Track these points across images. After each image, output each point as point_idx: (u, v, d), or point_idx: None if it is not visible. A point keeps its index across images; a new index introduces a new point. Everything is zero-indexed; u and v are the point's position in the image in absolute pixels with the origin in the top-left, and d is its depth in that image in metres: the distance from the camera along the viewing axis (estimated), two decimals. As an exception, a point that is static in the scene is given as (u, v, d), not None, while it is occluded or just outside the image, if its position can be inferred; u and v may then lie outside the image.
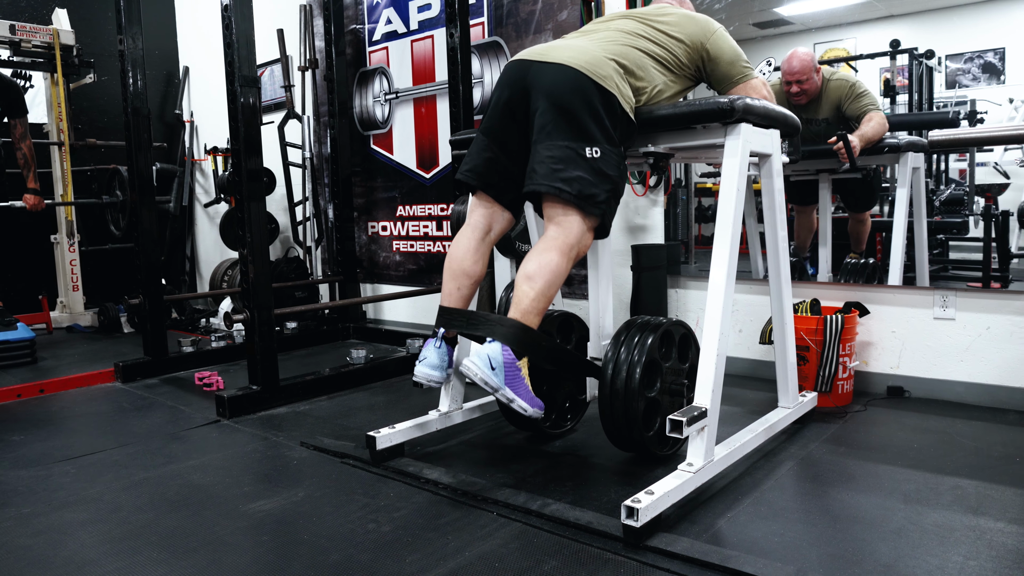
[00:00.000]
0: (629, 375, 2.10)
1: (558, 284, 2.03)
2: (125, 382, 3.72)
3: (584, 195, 2.00)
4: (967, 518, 1.86)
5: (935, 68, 3.15)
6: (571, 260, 2.04)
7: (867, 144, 3.08)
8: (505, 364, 1.94)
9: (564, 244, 2.03)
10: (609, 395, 2.13)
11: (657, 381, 2.18)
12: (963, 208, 3.23)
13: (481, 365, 1.92)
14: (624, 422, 2.13)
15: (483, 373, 1.92)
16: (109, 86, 5.71)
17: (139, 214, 3.87)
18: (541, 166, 2.02)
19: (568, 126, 2.00)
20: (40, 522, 2.03)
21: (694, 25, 2.28)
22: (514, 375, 1.96)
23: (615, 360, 2.14)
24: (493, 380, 1.92)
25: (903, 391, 2.99)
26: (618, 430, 2.16)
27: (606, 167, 2.02)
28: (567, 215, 2.03)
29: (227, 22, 2.99)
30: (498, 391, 1.94)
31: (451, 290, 2.24)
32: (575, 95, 2.01)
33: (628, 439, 2.17)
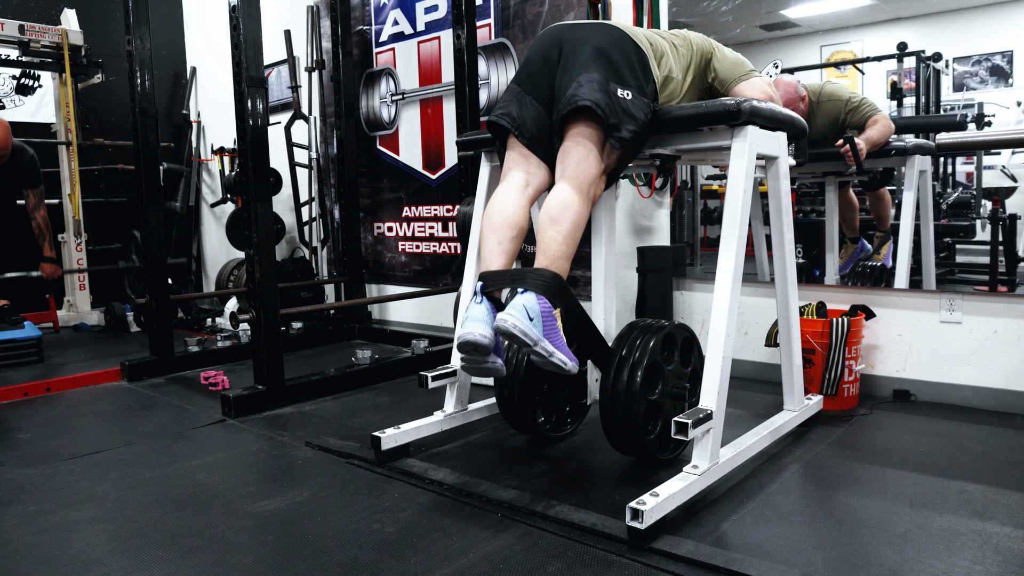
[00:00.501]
0: (631, 376, 2.10)
1: (582, 226, 1.97)
2: (131, 381, 3.73)
3: (612, 113, 1.95)
4: (973, 522, 1.86)
5: (942, 71, 3.13)
6: (590, 202, 2.00)
7: (873, 147, 3.07)
8: (543, 314, 1.83)
9: (583, 183, 1.98)
10: (610, 396, 2.12)
11: (659, 384, 2.18)
12: (970, 211, 3.21)
13: (519, 316, 1.78)
14: (625, 424, 2.12)
15: (522, 324, 1.77)
16: (117, 86, 5.74)
17: (146, 214, 3.89)
18: (578, 87, 1.98)
19: (604, 65, 2.01)
20: (46, 520, 2.04)
21: (701, 39, 2.41)
22: (551, 326, 1.85)
23: (617, 360, 2.13)
24: (532, 332, 1.79)
25: (909, 395, 2.98)
26: (618, 432, 2.15)
27: (633, 109, 2.00)
28: (589, 142, 1.99)
29: (235, 23, 3.00)
30: (537, 344, 1.81)
31: (491, 247, 2.04)
32: (613, 45, 2.06)
33: (628, 441, 2.16)
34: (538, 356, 1.85)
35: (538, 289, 1.85)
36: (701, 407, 1.95)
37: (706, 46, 2.38)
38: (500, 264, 2.02)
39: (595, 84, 1.97)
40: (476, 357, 1.89)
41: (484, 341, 1.83)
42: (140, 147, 3.86)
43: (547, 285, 1.87)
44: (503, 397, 2.44)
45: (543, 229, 1.95)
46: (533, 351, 1.82)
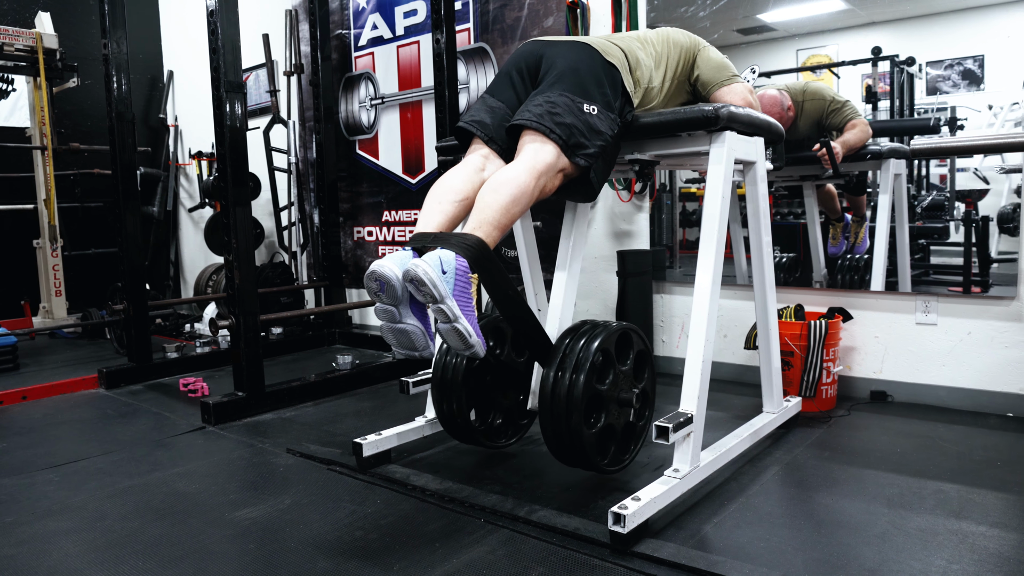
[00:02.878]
0: (576, 370, 1.92)
1: (522, 204, 1.89)
2: (109, 388, 3.69)
3: (572, 143, 1.96)
4: (950, 522, 1.89)
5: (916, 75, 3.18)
6: (538, 186, 1.92)
7: (850, 151, 3.11)
8: (457, 271, 1.71)
9: (533, 167, 1.92)
10: (550, 395, 1.94)
11: (607, 381, 2.01)
12: (944, 213, 3.26)
13: (431, 264, 1.67)
14: (566, 426, 1.92)
15: (432, 272, 1.66)
16: (93, 90, 5.67)
17: (123, 219, 3.85)
18: (536, 107, 2.00)
19: (571, 83, 2.04)
20: (23, 531, 2.01)
21: (686, 37, 2.41)
22: (464, 289, 1.72)
23: (560, 354, 1.96)
24: (441, 285, 1.66)
25: (886, 395, 3.02)
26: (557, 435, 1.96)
27: (600, 124, 2.02)
28: (544, 147, 1.95)
29: (213, 28, 2.98)
30: (443, 300, 1.67)
31: (431, 208, 1.96)
32: (582, 63, 2.08)
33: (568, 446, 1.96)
34: (442, 318, 1.71)
35: (458, 249, 1.75)
36: (681, 411, 1.96)
37: (690, 45, 2.38)
38: (435, 225, 1.92)
39: (556, 107, 1.98)
40: (387, 306, 1.75)
41: (390, 275, 1.70)
42: (117, 152, 3.82)
43: (469, 248, 1.77)
44: (439, 401, 2.27)
45: (481, 196, 1.88)
46: (438, 308, 1.69)
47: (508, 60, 2.25)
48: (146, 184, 5.96)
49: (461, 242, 1.78)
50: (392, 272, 1.70)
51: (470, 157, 2.12)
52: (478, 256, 1.78)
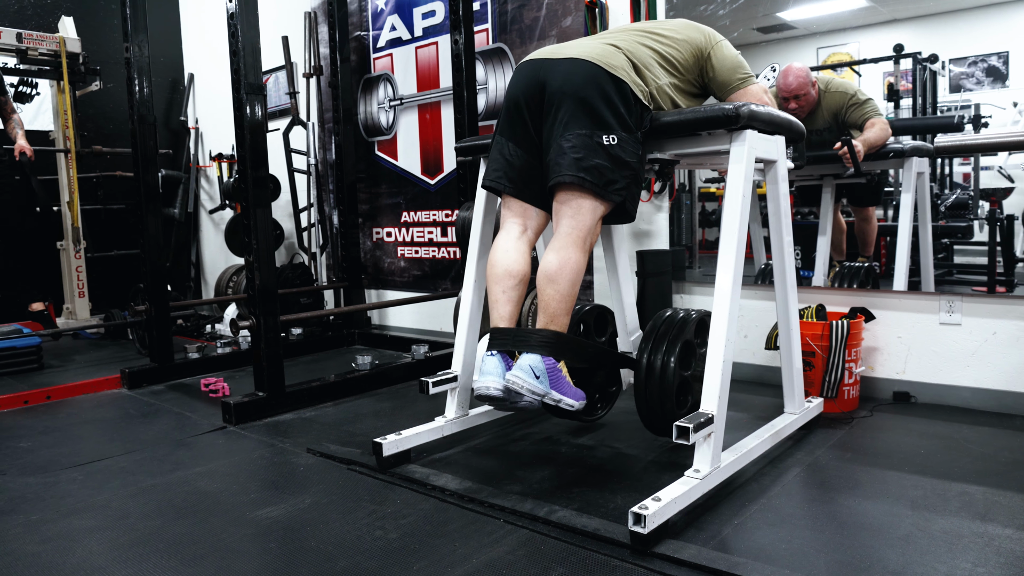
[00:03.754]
0: (668, 351, 2.24)
1: (579, 279, 2.09)
2: (131, 388, 3.73)
3: (604, 182, 2.04)
4: (975, 524, 1.86)
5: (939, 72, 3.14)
6: (587, 251, 2.10)
7: (871, 149, 3.08)
8: (547, 370, 2.01)
9: (579, 237, 2.08)
10: (645, 373, 2.25)
11: (691, 364, 2.32)
12: (968, 212, 3.22)
13: (525, 377, 1.99)
14: (659, 400, 2.24)
15: (529, 384, 1.98)
16: (115, 93, 5.73)
17: (145, 221, 3.89)
18: (563, 158, 2.05)
19: (585, 115, 2.04)
20: (48, 529, 2.03)
21: (698, 33, 2.34)
22: (556, 377, 2.03)
23: (652, 342, 2.28)
24: (539, 388, 1.99)
25: (909, 396, 2.99)
26: (651, 409, 2.27)
27: (624, 154, 2.05)
28: (581, 202, 2.07)
29: (233, 30, 3.00)
30: (545, 396, 2.01)
31: (497, 296, 2.19)
32: (588, 85, 2.06)
33: (661, 416, 2.26)
34: (548, 405, 2.05)
35: (541, 350, 2.03)
36: (702, 411, 1.95)
37: (703, 42, 2.32)
38: (507, 312, 2.17)
39: (579, 150, 2.03)
40: (500, 404, 2.08)
41: (498, 394, 2.03)
42: (139, 154, 3.86)
43: (548, 344, 2.04)
44: None
45: (542, 288, 2.08)
46: (543, 402, 2.02)
47: (510, 88, 2.25)
48: (167, 186, 6.02)
49: (541, 341, 2.05)
50: (496, 391, 2.03)
51: (509, 224, 2.28)
52: (559, 347, 2.06)
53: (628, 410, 2.95)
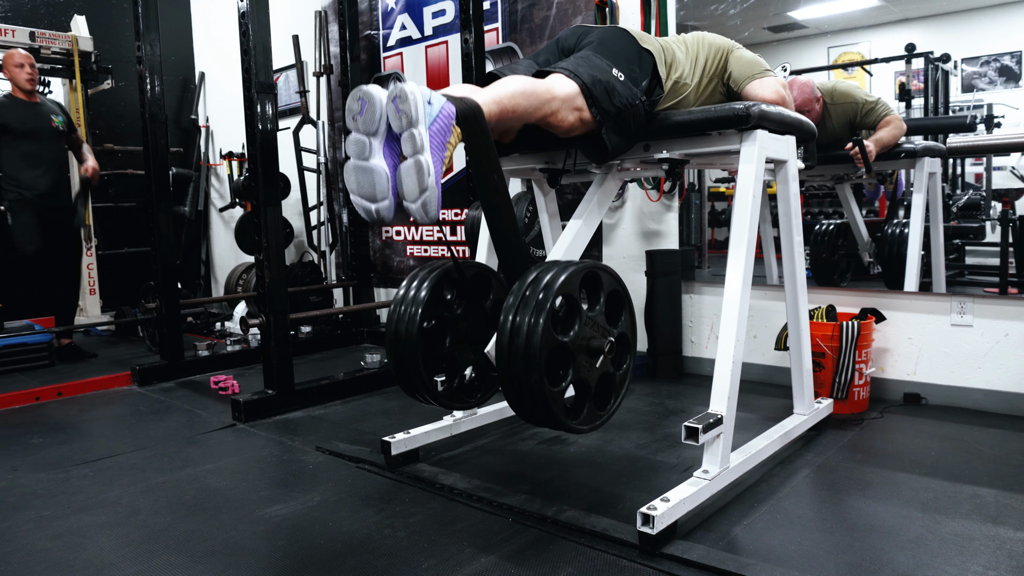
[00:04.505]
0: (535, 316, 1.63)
1: (531, 100, 1.82)
2: (142, 385, 3.75)
3: (593, 91, 1.90)
4: (986, 527, 1.85)
5: (951, 72, 3.13)
6: (550, 103, 1.85)
7: (883, 148, 3.07)
8: (441, 111, 1.61)
9: (551, 87, 1.87)
10: (508, 341, 1.65)
11: (573, 327, 1.71)
12: (980, 213, 3.20)
13: (420, 90, 1.58)
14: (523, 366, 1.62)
15: (418, 95, 1.57)
16: (126, 92, 5.76)
17: (156, 219, 3.91)
18: (567, 61, 2.01)
19: (604, 50, 2.05)
20: (60, 525, 2.05)
21: (719, 39, 2.41)
22: (441, 130, 1.61)
23: (520, 297, 1.67)
24: (421, 109, 1.57)
25: (920, 398, 2.97)
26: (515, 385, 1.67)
27: (622, 89, 2.00)
28: (566, 80, 1.89)
29: (244, 29, 3.01)
30: (415, 126, 1.56)
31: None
32: (618, 41, 2.10)
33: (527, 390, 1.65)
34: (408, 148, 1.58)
35: (452, 100, 1.66)
36: (711, 412, 1.95)
37: (724, 45, 2.38)
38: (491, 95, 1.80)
39: (586, 61, 2.00)
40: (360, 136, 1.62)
41: (375, 94, 1.60)
42: (150, 152, 3.88)
43: (462, 101, 1.68)
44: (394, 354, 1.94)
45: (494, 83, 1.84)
46: (409, 134, 1.57)
47: (552, 40, 2.28)
48: (178, 184, 6.04)
49: (458, 97, 1.69)
50: (378, 92, 1.60)
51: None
52: (469, 113, 1.67)
53: (636, 409, 2.95)
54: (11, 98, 4.08)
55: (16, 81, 4.05)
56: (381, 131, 1.61)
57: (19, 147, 4.03)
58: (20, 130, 4.02)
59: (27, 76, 4.05)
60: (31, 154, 4.05)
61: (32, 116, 4.08)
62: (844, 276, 3.43)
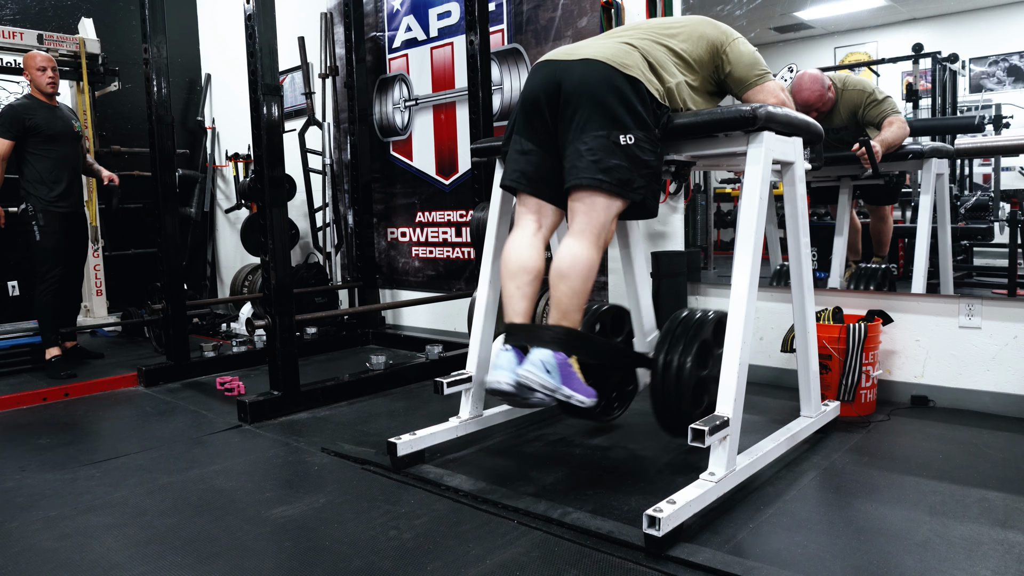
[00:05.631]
0: (683, 356, 2.21)
1: (592, 276, 2.08)
2: (148, 386, 3.76)
3: (623, 182, 2.04)
4: (995, 531, 1.84)
5: (959, 72, 3.11)
6: (600, 248, 2.09)
7: (889, 149, 3.05)
8: (559, 365, 2.00)
9: (592, 234, 2.07)
10: (661, 376, 2.23)
11: (708, 364, 2.27)
12: (988, 214, 3.19)
13: (536, 371, 1.98)
14: (675, 400, 2.21)
15: (540, 378, 1.97)
16: (133, 93, 5.78)
17: (162, 220, 3.92)
18: (580, 160, 2.05)
19: (601, 117, 2.04)
20: (67, 525, 2.05)
21: (714, 29, 2.31)
22: (568, 373, 2.01)
23: (668, 342, 2.25)
24: (550, 383, 1.98)
25: (927, 400, 2.96)
26: (667, 409, 2.25)
27: (641, 153, 2.04)
28: (595, 199, 2.06)
29: (250, 31, 3.02)
30: (556, 392, 1.99)
31: (511, 293, 2.19)
32: (603, 86, 2.06)
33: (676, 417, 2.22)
34: (559, 400, 2.01)
35: (553, 346, 2.02)
36: (718, 414, 1.94)
37: (719, 39, 2.28)
38: (521, 308, 2.17)
39: (596, 152, 2.03)
40: (512, 400, 2.08)
41: (509, 389, 2.03)
42: (156, 154, 3.89)
43: (560, 340, 2.03)
44: None
45: (554, 284, 2.08)
46: (554, 397, 2.00)
47: (526, 87, 2.24)
48: (184, 185, 6.07)
49: (552, 337, 2.04)
50: (507, 386, 2.03)
51: (524, 220, 2.26)
52: (570, 343, 2.05)
53: (643, 411, 2.94)
54: (33, 99, 4.02)
55: (38, 84, 3.99)
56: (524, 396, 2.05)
57: (44, 150, 3.96)
58: (47, 133, 3.96)
59: (49, 80, 4.00)
60: (55, 158, 4.00)
61: (56, 119, 4.04)
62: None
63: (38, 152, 3.95)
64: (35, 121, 3.92)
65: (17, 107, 3.92)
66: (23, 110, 3.91)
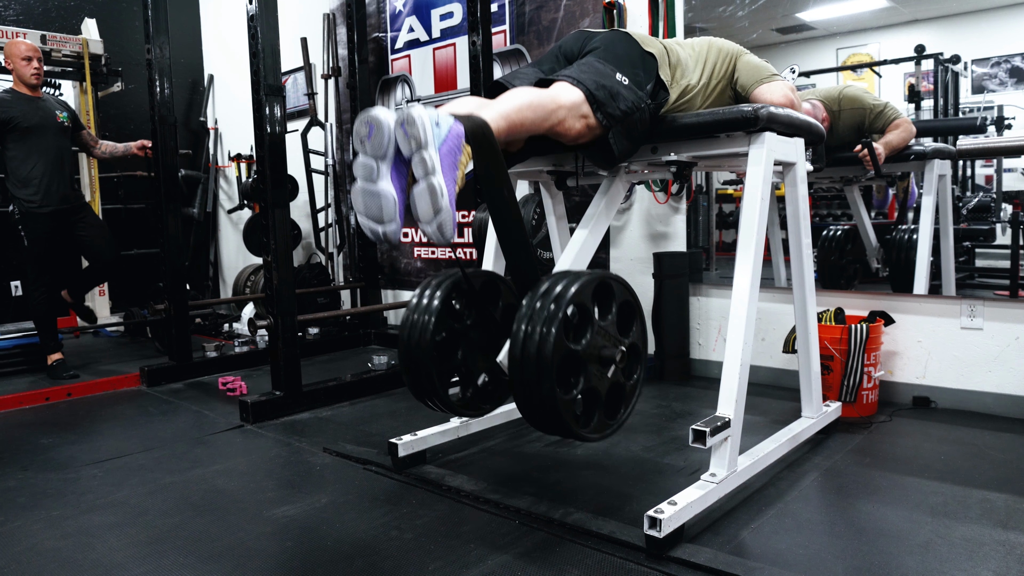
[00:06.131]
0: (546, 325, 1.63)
1: (537, 112, 1.82)
2: (150, 386, 3.76)
3: (598, 96, 1.89)
4: (997, 532, 1.84)
5: (961, 73, 3.11)
6: (556, 112, 1.85)
7: (892, 151, 3.05)
8: (451, 132, 1.60)
9: (557, 96, 1.87)
10: (521, 349, 1.65)
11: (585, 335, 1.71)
12: (990, 215, 3.19)
13: (428, 113, 1.57)
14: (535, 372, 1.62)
15: (426, 118, 1.55)
16: (136, 94, 5.79)
17: (165, 221, 3.93)
18: (571, 68, 2.01)
19: (607, 55, 2.06)
20: (69, 525, 2.06)
21: (728, 44, 2.41)
22: (452, 151, 1.60)
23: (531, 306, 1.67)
24: (430, 131, 1.55)
25: (929, 401, 2.95)
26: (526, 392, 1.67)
27: (627, 92, 2.00)
28: (571, 88, 1.89)
29: (253, 32, 3.03)
30: (425, 148, 1.55)
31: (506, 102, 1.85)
32: (620, 46, 2.11)
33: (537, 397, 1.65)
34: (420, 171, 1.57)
35: (461, 119, 1.65)
36: (719, 415, 1.94)
37: (732, 50, 2.39)
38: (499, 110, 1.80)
39: (589, 67, 2.00)
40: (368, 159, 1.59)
41: (383, 118, 1.58)
42: (159, 154, 3.90)
43: (471, 119, 1.67)
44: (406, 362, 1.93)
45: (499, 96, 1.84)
46: (419, 157, 1.56)
47: (555, 45, 2.28)
48: (187, 186, 6.07)
49: (465, 115, 1.68)
50: (386, 117, 1.58)
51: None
52: (477, 132, 1.67)
53: (643, 412, 2.94)
54: (14, 93, 3.85)
55: (21, 75, 3.82)
56: (389, 155, 1.60)
57: (21, 144, 3.78)
58: (24, 125, 3.77)
59: (34, 71, 3.83)
60: (34, 151, 3.81)
61: (35, 111, 3.84)
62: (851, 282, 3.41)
63: (15, 146, 3.78)
64: (10, 114, 3.74)
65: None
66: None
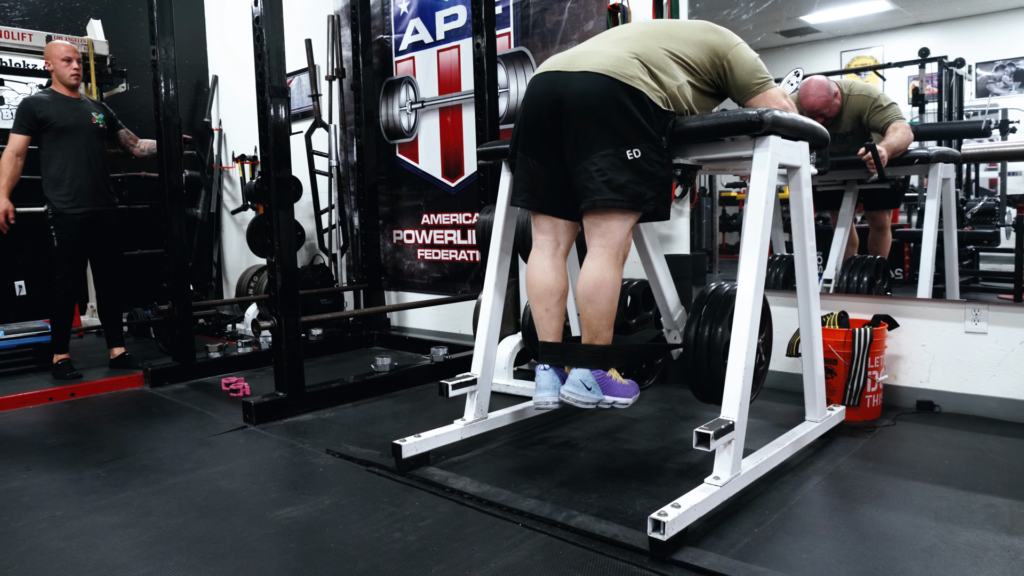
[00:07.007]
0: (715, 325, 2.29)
1: (616, 295, 2.17)
2: (154, 387, 3.77)
3: (635, 196, 2.08)
4: (1001, 537, 1.83)
5: (965, 76, 3.11)
6: (620, 265, 2.19)
7: (894, 154, 3.05)
8: (597, 380, 2.14)
9: (612, 254, 2.15)
10: (694, 344, 2.32)
11: None
12: (994, 219, 3.18)
13: (577, 391, 2.13)
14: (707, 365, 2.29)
15: (583, 396, 2.13)
16: (141, 95, 5.80)
17: (169, 221, 3.93)
18: (591, 181, 2.08)
19: (606, 134, 2.05)
20: (72, 525, 2.06)
21: (716, 35, 2.30)
22: (607, 384, 2.16)
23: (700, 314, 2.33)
24: (592, 397, 2.13)
25: (933, 406, 2.95)
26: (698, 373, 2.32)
27: (649, 165, 2.07)
28: (611, 220, 2.12)
29: (258, 34, 3.03)
30: (599, 403, 2.14)
31: (540, 314, 2.31)
32: (605, 102, 2.05)
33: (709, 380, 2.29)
34: (603, 409, 2.18)
35: (590, 364, 2.15)
36: (722, 418, 1.94)
37: (720, 43, 2.26)
38: (552, 328, 2.31)
39: (606, 172, 2.06)
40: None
41: (556, 407, 2.23)
42: (163, 155, 3.91)
43: (596, 357, 2.16)
44: None
45: (583, 308, 2.18)
46: (598, 407, 2.17)
47: (526, 100, 2.23)
48: (191, 187, 6.08)
49: (588, 355, 2.17)
50: (555, 405, 2.22)
51: (542, 241, 2.34)
52: (606, 359, 2.18)
53: (647, 415, 2.94)
54: (53, 93, 3.92)
55: (61, 76, 3.89)
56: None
57: (56, 144, 3.84)
58: (60, 126, 3.83)
59: (73, 71, 3.89)
60: (68, 152, 3.85)
61: (72, 112, 3.90)
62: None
63: (49, 147, 3.85)
64: (47, 113, 3.81)
65: (31, 100, 3.84)
66: (35, 103, 3.82)
